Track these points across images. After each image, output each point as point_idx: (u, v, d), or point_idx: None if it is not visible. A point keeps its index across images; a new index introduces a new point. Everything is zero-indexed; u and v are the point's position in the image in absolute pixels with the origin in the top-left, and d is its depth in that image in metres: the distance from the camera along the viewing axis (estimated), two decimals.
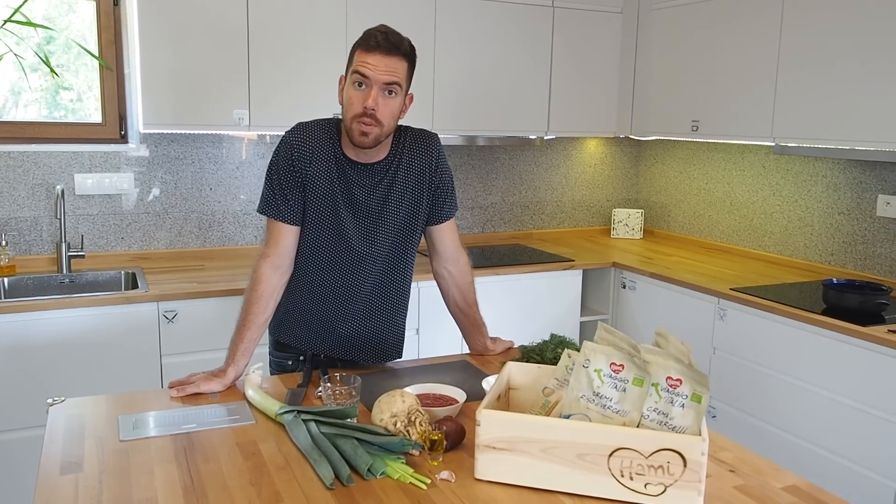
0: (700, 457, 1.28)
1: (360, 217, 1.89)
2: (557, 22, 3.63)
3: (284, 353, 2.04)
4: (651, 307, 3.38)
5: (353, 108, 1.77)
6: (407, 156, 1.92)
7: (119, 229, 3.24)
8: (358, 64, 1.77)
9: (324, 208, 1.87)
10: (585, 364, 1.43)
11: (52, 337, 2.61)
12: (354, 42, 1.83)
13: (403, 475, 1.37)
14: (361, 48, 1.78)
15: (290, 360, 2.03)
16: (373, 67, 1.75)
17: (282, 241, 1.90)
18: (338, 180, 1.87)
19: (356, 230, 1.89)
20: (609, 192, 4.35)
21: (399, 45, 1.78)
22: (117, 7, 3.17)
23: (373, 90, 1.76)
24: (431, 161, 1.94)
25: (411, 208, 1.93)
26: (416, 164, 1.93)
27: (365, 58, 1.76)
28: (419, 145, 1.94)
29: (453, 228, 2.05)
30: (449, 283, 2.08)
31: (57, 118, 3.22)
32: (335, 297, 1.95)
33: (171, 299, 2.75)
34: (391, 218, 1.91)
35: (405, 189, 1.92)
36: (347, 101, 1.80)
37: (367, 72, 1.75)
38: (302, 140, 1.86)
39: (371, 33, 1.78)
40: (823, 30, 2.88)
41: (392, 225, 1.92)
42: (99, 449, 1.48)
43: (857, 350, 2.50)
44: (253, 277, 1.90)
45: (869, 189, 3.15)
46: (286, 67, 3.08)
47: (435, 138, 1.98)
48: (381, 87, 1.76)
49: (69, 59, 3.22)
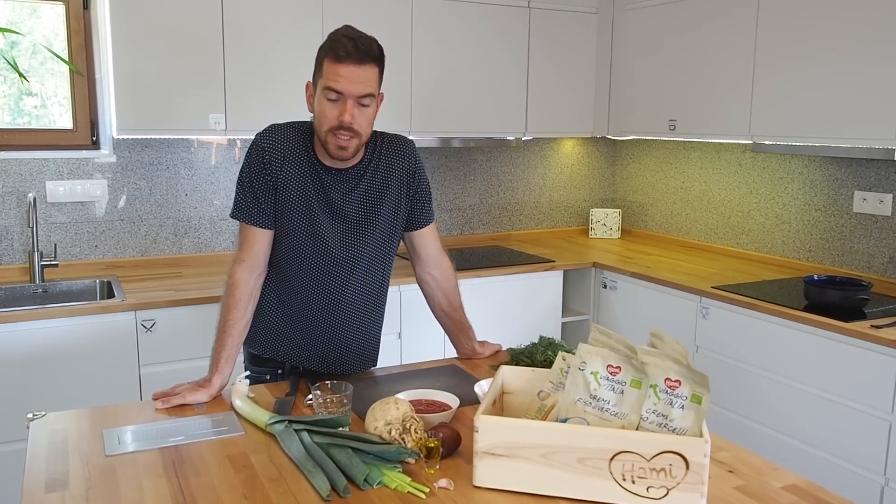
0: (702, 458, 1.27)
1: (338, 221, 1.85)
2: (533, 23, 3.62)
3: (262, 367, 1.98)
4: (633, 307, 3.38)
5: (328, 121, 1.72)
6: (385, 161, 1.88)
7: (93, 237, 3.16)
8: (329, 78, 1.70)
9: (298, 213, 1.83)
10: (581, 367, 1.42)
11: (26, 349, 2.54)
12: (320, 47, 1.76)
13: (401, 484, 1.35)
14: (330, 58, 1.70)
15: (267, 375, 1.97)
16: (345, 82, 1.69)
17: (255, 245, 1.86)
18: (311, 184, 1.82)
19: (334, 235, 1.85)
20: (586, 192, 4.36)
21: (369, 52, 1.71)
22: (87, 10, 3.10)
23: (347, 104, 1.71)
24: (410, 167, 1.92)
25: (390, 213, 1.90)
26: (394, 170, 1.89)
27: (336, 69, 1.69)
28: (396, 151, 1.91)
29: (434, 233, 2.02)
30: (433, 287, 2.05)
31: (21, 125, 3.13)
32: (314, 305, 1.90)
33: (149, 308, 2.69)
34: (370, 223, 1.88)
35: (384, 194, 1.88)
36: (321, 113, 1.74)
37: (340, 87, 1.69)
38: (273, 143, 1.81)
39: (338, 41, 1.70)
40: (799, 27, 2.91)
41: (371, 230, 1.88)
42: (84, 465, 1.43)
43: (841, 346, 2.51)
44: (229, 283, 1.85)
45: (845, 186, 3.18)
46: (262, 70, 3.04)
47: (412, 145, 1.95)
48: (356, 99, 1.72)
49: (34, 64, 3.13)
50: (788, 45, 2.96)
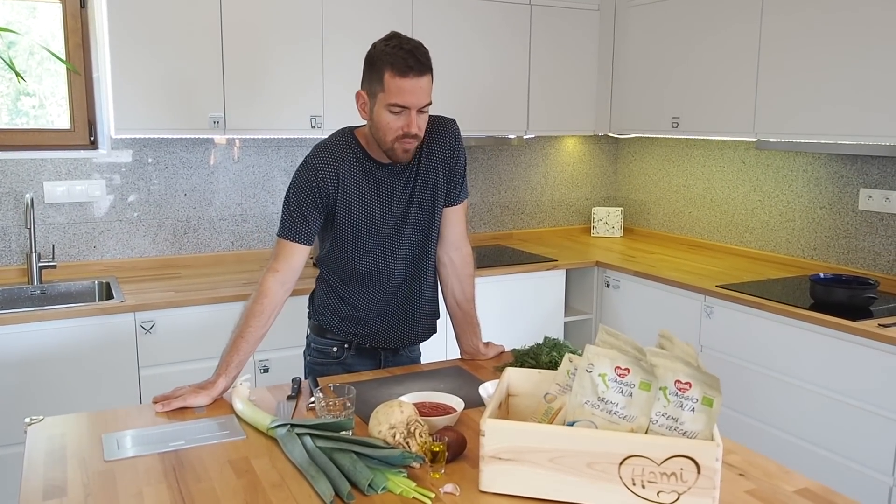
0: (714, 463, 1.24)
1: (396, 208, 1.91)
2: (535, 20, 3.59)
3: (327, 339, 2.02)
4: (636, 306, 3.36)
5: (394, 132, 1.78)
6: (428, 143, 1.93)
7: (91, 238, 3.13)
8: (394, 94, 1.74)
9: (357, 211, 1.88)
10: (589, 369, 1.39)
11: (24, 351, 2.51)
12: (374, 56, 1.77)
13: (406, 490, 1.32)
14: (392, 71, 1.73)
15: (334, 347, 2.01)
16: (410, 96, 1.74)
17: (292, 259, 1.88)
18: (367, 184, 1.88)
19: (393, 221, 1.91)
20: (588, 190, 4.33)
21: (426, 62, 1.77)
22: (84, 10, 3.07)
23: (412, 115, 1.77)
24: (451, 144, 1.96)
25: (436, 191, 1.96)
26: (436, 149, 1.94)
27: (400, 85, 1.73)
28: (439, 131, 1.95)
29: (462, 215, 2.05)
30: (449, 272, 2.07)
31: (18, 125, 3.10)
32: (375, 283, 1.96)
33: (149, 309, 2.66)
34: (423, 204, 1.94)
35: (428, 173, 1.94)
36: (385, 125, 1.78)
37: (406, 102, 1.75)
38: (324, 161, 1.86)
39: (398, 55, 1.73)
40: (803, 23, 2.88)
41: (423, 209, 1.94)
42: (83, 471, 1.40)
43: (848, 345, 2.49)
44: (259, 290, 1.85)
45: (850, 183, 3.16)
46: (261, 69, 3.01)
47: (452, 123, 2.00)
48: (418, 108, 1.78)
49: (31, 64, 3.10)
50: (792, 42, 2.93)
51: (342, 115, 2.97)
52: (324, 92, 3.12)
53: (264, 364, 2.83)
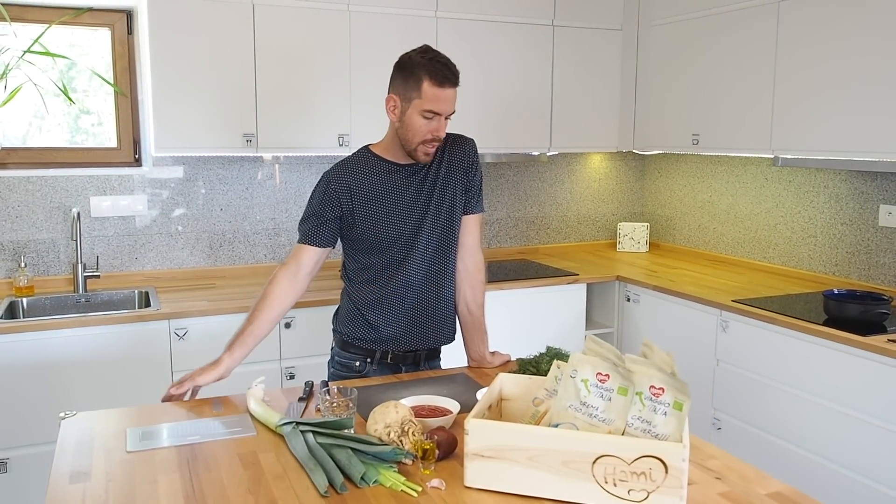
0: (681, 463, 1.32)
1: (414, 210, 2.06)
2: (558, 40, 3.69)
3: (350, 353, 2.14)
4: (655, 320, 3.41)
5: (422, 135, 1.97)
6: (448, 155, 2.11)
7: (133, 250, 3.33)
8: (430, 101, 1.93)
9: (375, 212, 2.04)
10: (573, 374, 1.48)
11: (68, 354, 2.70)
12: (411, 64, 1.94)
13: (395, 483, 1.43)
14: (431, 81, 1.92)
15: (357, 361, 2.14)
16: (444, 105, 1.95)
17: (300, 256, 2.06)
18: (384, 188, 2.04)
19: (412, 223, 2.06)
20: (614, 206, 4.39)
21: (458, 74, 1.97)
22: (131, 35, 3.28)
23: (442, 121, 1.97)
24: (469, 158, 2.14)
25: (454, 199, 2.11)
26: (455, 160, 2.12)
27: (438, 94, 1.93)
28: (459, 144, 2.14)
29: (477, 224, 2.19)
30: (462, 277, 2.19)
31: (78, 142, 3.33)
32: (397, 290, 2.08)
33: (183, 317, 2.83)
34: (440, 208, 2.08)
35: (447, 181, 2.10)
36: (415, 128, 1.96)
37: (440, 110, 1.94)
38: (337, 176, 2.04)
39: (436, 67, 1.92)
40: (820, 41, 2.92)
41: (441, 214, 2.08)
42: (106, 459, 1.54)
43: (858, 360, 2.51)
44: (269, 280, 2.05)
45: (871, 199, 3.17)
46: (292, 89, 3.17)
47: (473, 141, 2.18)
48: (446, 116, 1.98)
49: (93, 85, 3.32)
50: (809, 59, 2.97)
51: (368, 133, 3.09)
52: (351, 111, 3.27)
53: (290, 371, 2.97)
